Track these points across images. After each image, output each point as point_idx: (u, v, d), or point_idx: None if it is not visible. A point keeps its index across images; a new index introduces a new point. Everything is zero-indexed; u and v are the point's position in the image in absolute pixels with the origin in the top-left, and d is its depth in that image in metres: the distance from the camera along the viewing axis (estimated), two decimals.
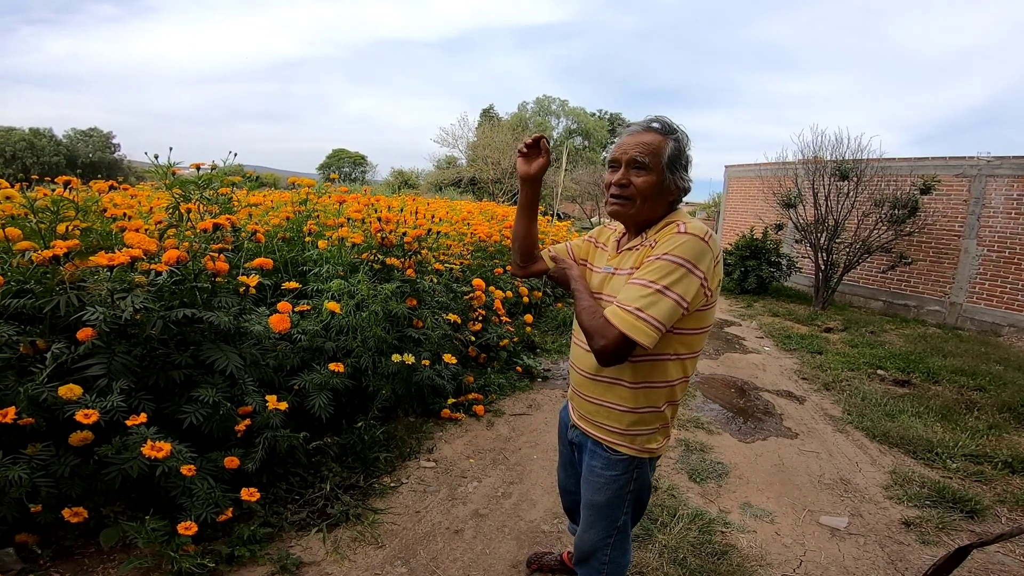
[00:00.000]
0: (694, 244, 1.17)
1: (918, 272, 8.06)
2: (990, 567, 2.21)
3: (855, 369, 5.14)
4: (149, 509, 1.83)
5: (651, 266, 1.17)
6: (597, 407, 1.38)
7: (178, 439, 1.83)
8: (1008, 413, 4.00)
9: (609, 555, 1.47)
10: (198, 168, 2.42)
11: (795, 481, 2.90)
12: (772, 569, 2.14)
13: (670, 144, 1.25)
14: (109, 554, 1.84)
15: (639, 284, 1.17)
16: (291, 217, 3.17)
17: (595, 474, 1.41)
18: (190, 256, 1.99)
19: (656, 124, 1.27)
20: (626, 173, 1.27)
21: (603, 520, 1.43)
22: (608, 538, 1.45)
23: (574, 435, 1.52)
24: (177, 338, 2.05)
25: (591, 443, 1.42)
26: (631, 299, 1.16)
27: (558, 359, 4.85)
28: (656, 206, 1.29)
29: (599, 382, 1.36)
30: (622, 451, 1.36)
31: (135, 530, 1.77)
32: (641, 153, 1.24)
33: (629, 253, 1.32)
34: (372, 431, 2.72)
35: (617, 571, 1.50)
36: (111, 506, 1.90)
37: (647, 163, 1.24)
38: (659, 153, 1.24)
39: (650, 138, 1.25)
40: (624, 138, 1.30)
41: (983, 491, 2.88)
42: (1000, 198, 7.18)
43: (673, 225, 1.23)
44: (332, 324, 2.63)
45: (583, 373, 1.40)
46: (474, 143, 25.26)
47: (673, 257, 1.16)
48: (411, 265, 3.11)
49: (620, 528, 1.45)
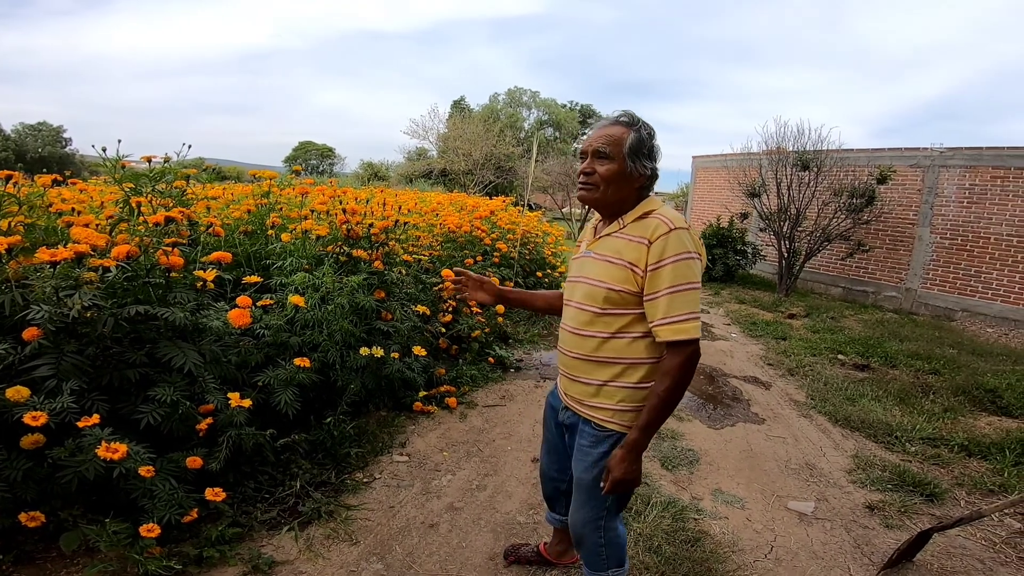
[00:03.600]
0: (684, 235, 1.31)
1: (875, 259, 8.38)
2: (952, 551, 2.27)
3: (817, 354, 5.30)
4: (109, 512, 1.78)
5: (667, 272, 1.29)
6: (586, 386, 1.46)
7: (136, 440, 1.77)
8: (962, 396, 4.14)
9: (604, 536, 1.53)
10: (149, 161, 2.32)
11: (763, 467, 2.97)
12: (744, 555, 2.18)
13: (631, 135, 1.36)
14: (72, 558, 1.79)
15: (672, 293, 1.29)
16: (253, 210, 3.08)
17: (583, 451, 1.48)
18: (141, 251, 1.91)
19: (623, 118, 1.39)
20: (591, 162, 1.39)
21: (593, 499, 1.48)
22: (599, 519, 1.51)
23: (566, 417, 1.58)
24: (131, 336, 1.97)
25: (581, 422, 1.50)
26: (679, 309, 1.28)
27: (531, 349, 4.88)
28: (621, 191, 1.39)
29: (590, 361, 1.43)
30: (610, 427, 1.43)
31: (96, 533, 1.72)
32: (604, 144, 1.37)
33: (608, 239, 1.42)
34: (342, 426, 2.68)
35: (616, 550, 1.56)
36: (69, 509, 1.83)
37: (608, 152, 1.36)
38: (620, 143, 1.36)
39: (614, 130, 1.37)
40: (592, 131, 1.44)
41: (941, 474, 2.98)
42: (952, 188, 7.50)
43: (656, 221, 1.33)
44: (297, 318, 2.57)
45: (573, 354, 1.47)
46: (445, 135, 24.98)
47: (678, 256, 1.29)
48: (378, 257, 3.06)
49: (609, 508, 1.51)
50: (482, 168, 22.32)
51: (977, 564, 2.20)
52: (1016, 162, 6.88)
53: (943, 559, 2.22)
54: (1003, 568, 2.18)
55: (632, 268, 1.34)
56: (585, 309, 1.43)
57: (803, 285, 9.18)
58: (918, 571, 2.12)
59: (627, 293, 1.35)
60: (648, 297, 1.32)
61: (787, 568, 2.12)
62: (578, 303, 1.45)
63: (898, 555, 2.11)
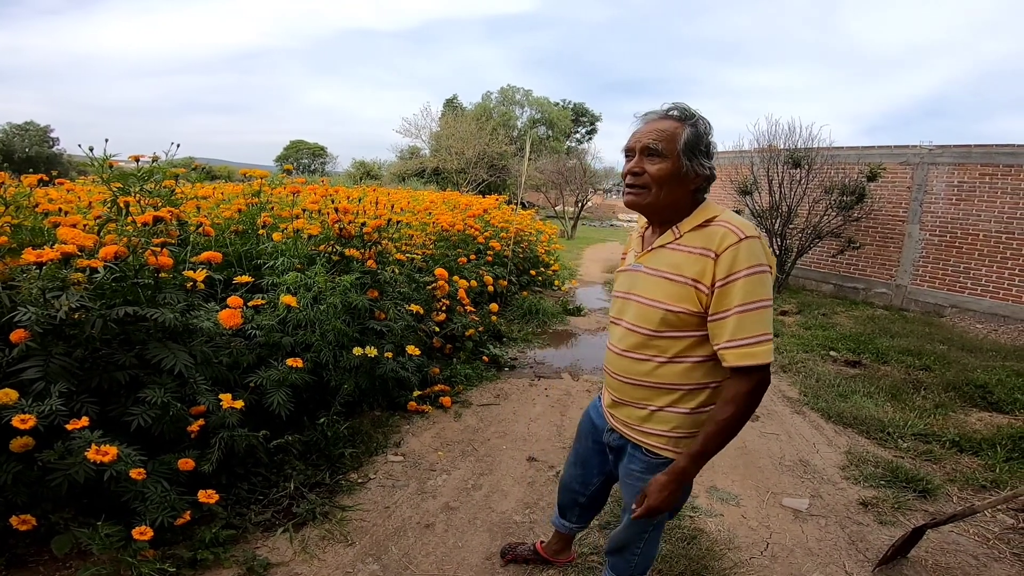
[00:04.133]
0: (756, 245, 1.16)
1: (866, 256, 8.44)
2: (945, 547, 2.28)
3: (809, 351, 5.32)
4: (101, 515, 1.76)
5: (738, 288, 1.14)
6: (637, 410, 1.34)
7: (126, 442, 1.76)
8: (953, 392, 4.15)
9: (642, 548, 1.49)
10: (137, 160, 2.29)
11: (758, 464, 2.97)
12: (740, 552, 2.18)
13: (687, 130, 1.21)
14: (64, 561, 1.78)
15: (742, 312, 1.14)
16: (243, 209, 3.05)
17: (634, 478, 1.38)
18: (130, 251, 1.88)
19: (674, 111, 1.24)
20: (639, 161, 1.23)
21: (643, 520, 1.39)
22: (643, 534, 1.47)
23: (612, 439, 1.47)
24: (120, 337, 1.95)
25: (631, 446, 1.39)
26: (750, 330, 1.14)
27: (525, 348, 4.87)
28: (675, 194, 1.23)
29: (642, 386, 1.31)
30: (664, 455, 1.32)
31: (88, 537, 1.70)
32: (655, 140, 1.20)
33: (662, 252, 1.27)
34: (336, 427, 2.66)
35: (646, 562, 1.53)
36: (60, 513, 1.81)
37: (661, 150, 1.20)
38: (674, 139, 1.20)
39: (666, 124, 1.22)
40: (639, 125, 1.26)
41: (933, 470, 2.98)
42: (941, 185, 7.57)
43: (723, 230, 1.18)
44: (289, 318, 2.56)
45: (622, 378, 1.34)
46: (437, 133, 24.94)
47: (751, 269, 1.14)
48: (371, 256, 3.05)
49: (657, 524, 1.48)
50: (475, 167, 22.30)
51: (971, 560, 2.20)
52: (1005, 159, 6.94)
53: (937, 555, 2.22)
54: (997, 564, 2.19)
55: (696, 285, 1.18)
56: (637, 331, 1.28)
57: (795, 282, 9.23)
58: (913, 567, 2.13)
59: (688, 314, 1.19)
60: (714, 317, 1.17)
61: (783, 565, 2.13)
62: (629, 323, 1.30)
63: (893, 551, 2.12)
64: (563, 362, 4.62)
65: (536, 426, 3.27)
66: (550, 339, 5.32)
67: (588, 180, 18.96)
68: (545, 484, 2.62)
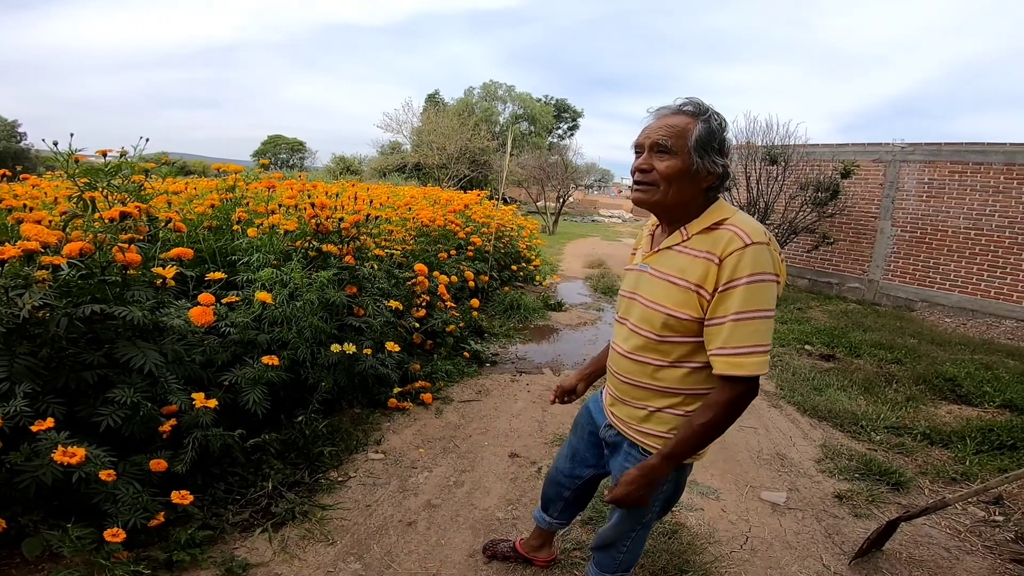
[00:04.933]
0: (763, 252, 1.12)
1: (840, 251, 8.62)
2: (919, 539, 2.32)
3: (785, 345, 5.42)
4: (71, 517, 1.73)
5: (737, 295, 1.11)
6: (637, 410, 1.33)
7: (95, 443, 1.72)
8: (923, 385, 4.24)
9: (628, 546, 1.49)
10: (105, 155, 2.23)
11: (736, 457, 3.01)
12: (721, 546, 2.20)
13: (699, 126, 1.16)
14: (36, 564, 1.72)
15: (738, 320, 1.11)
16: (217, 205, 2.99)
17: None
18: (96, 248, 1.83)
19: (688, 106, 1.20)
20: (648, 158, 1.19)
21: (632, 518, 1.42)
22: (632, 531, 1.47)
23: (608, 434, 1.46)
24: (88, 336, 1.89)
25: (627, 444, 1.38)
26: (742, 340, 1.11)
27: (506, 343, 4.87)
28: (685, 192, 1.19)
29: (643, 388, 1.30)
30: None
31: (58, 539, 1.66)
32: (665, 136, 1.16)
33: (669, 254, 1.24)
34: (314, 425, 2.63)
35: (631, 560, 1.53)
36: (30, 515, 1.77)
37: (670, 146, 1.16)
38: (685, 135, 1.16)
39: (677, 120, 1.18)
40: (650, 121, 1.23)
41: (906, 463, 3.03)
42: (912, 182, 7.76)
43: (729, 234, 1.14)
44: (265, 315, 2.51)
45: (624, 378, 1.34)
46: (419, 128, 24.71)
47: (752, 277, 1.10)
48: (349, 252, 3.01)
49: (645, 523, 1.47)
50: (456, 162, 22.17)
51: (944, 553, 2.24)
52: (974, 157, 7.15)
53: (911, 548, 2.26)
54: (969, 557, 2.22)
55: (698, 290, 1.15)
56: (640, 333, 1.27)
57: None
58: (888, 560, 2.17)
59: (690, 320, 1.17)
60: (710, 322, 1.15)
61: (762, 558, 2.15)
62: (633, 325, 1.30)
63: (868, 544, 2.15)
64: (544, 357, 4.63)
65: (518, 422, 3.27)
66: (531, 334, 5.33)
67: (570, 176, 18.99)
68: (527, 480, 2.62)
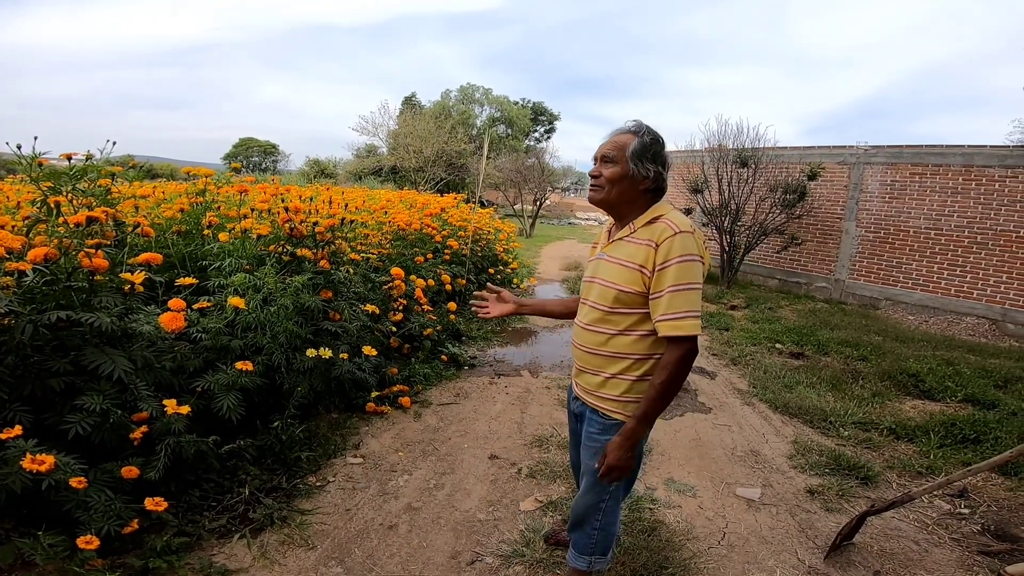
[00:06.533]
0: (688, 239, 1.40)
1: (807, 252, 8.87)
2: (888, 532, 2.39)
3: (757, 344, 5.53)
4: (43, 524, 1.70)
5: (671, 272, 1.39)
6: (594, 377, 1.57)
7: (65, 451, 1.69)
8: (888, 381, 4.36)
9: (601, 520, 1.64)
10: (69, 158, 2.17)
11: (712, 455, 3.06)
12: (699, 542, 2.24)
13: (635, 140, 1.48)
14: (9, 572, 1.70)
15: (674, 291, 1.38)
16: (187, 209, 2.93)
17: (592, 439, 1.59)
18: (61, 253, 1.79)
19: (632, 126, 1.53)
20: (599, 167, 1.52)
21: (598, 484, 1.58)
22: (600, 503, 1.62)
23: (576, 406, 1.70)
24: (54, 343, 1.85)
25: (589, 411, 1.61)
26: (679, 307, 1.38)
27: (484, 346, 4.88)
28: (624, 193, 1.50)
29: (598, 355, 1.55)
30: (616, 417, 1.54)
31: (30, 547, 1.64)
32: (610, 149, 1.50)
33: (620, 244, 1.52)
34: (291, 430, 2.60)
35: (606, 539, 1.67)
36: (1, 523, 1.75)
37: (614, 156, 1.49)
38: (624, 148, 1.48)
39: (621, 137, 1.50)
40: (604, 139, 1.55)
41: (873, 457, 3.12)
42: (875, 184, 8.03)
43: (663, 225, 1.43)
44: (238, 321, 2.48)
45: (584, 348, 1.59)
46: (395, 131, 24.56)
47: (682, 257, 1.38)
48: (324, 256, 2.99)
49: (612, 493, 1.62)
50: (433, 165, 22.10)
51: (913, 546, 2.31)
52: (933, 159, 7.43)
53: (882, 541, 2.33)
54: (937, 549, 2.29)
55: (641, 270, 1.43)
56: (597, 308, 1.53)
57: (743, 277, 9.60)
58: (860, 553, 2.23)
59: (635, 294, 1.45)
60: (653, 295, 1.42)
61: (740, 553, 2.20)
62: (593, 302, 1.55)
63: (840, 538, 2.21)
64: (522, 360, 4.66)
65: (497, 424, 3.29)
66: (509, 337, 5.35)
67: (546, 178, 19.11)
68: (508, 482, 2.64)
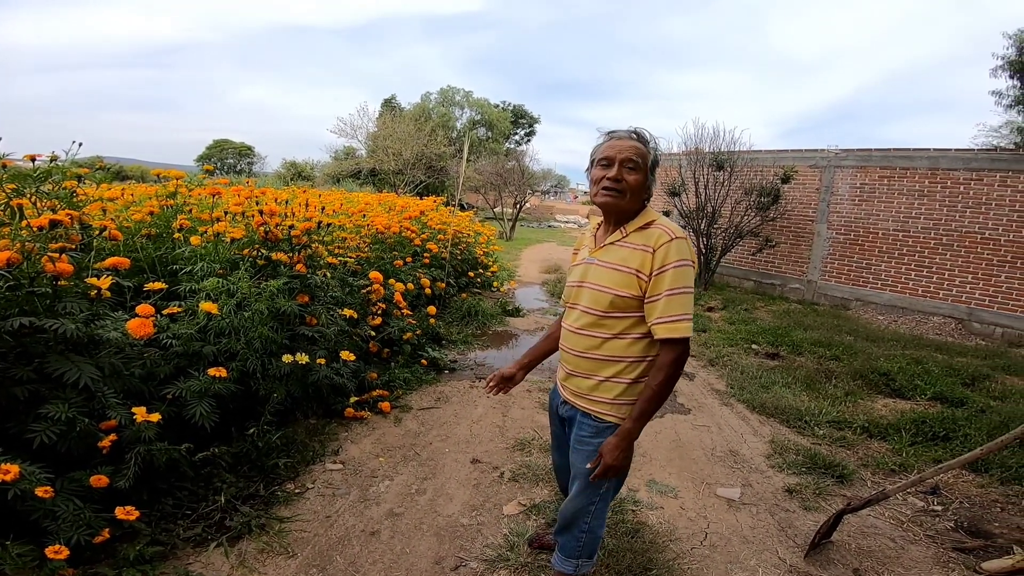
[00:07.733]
0: (683, 244, 1.45)
1: (781, 254, 9.05)
2: (865, 530, 2.43)
3: (734, 344, 5.62)
4: (10, 534, 1.63)
5: (668, 277, 1.42)
6: (586, 380, 1.57)
7: (30, 460, 1.64)
8: (860, 380, 4.46)
9: (589, 523, 1.64)
10: (33, 160, 2.10)
11: (692, 455, 3.09)
12: (682, 543, 2.26)
13: (652, 153, 1.53)
14: None
15: (670, 295, 1.42)
16: (157, 212, 2.86)
17: (584, 443, 1.59)
18: (24, 257, 1.73)
19: (644, 136, 1.54)
20: (620, 170, 1.49)
21: (589, 487, 1.59)
22: (590, 505, 1.62)
23: (565, 411, 1.69)
24: (17, 351, 1.79)
25: (580, 415, 1.61)
26: (675, 310, 1.42)
27: (465, 350, 4.86)
28: (636, 201, 1.52)
29: (592, 359, 1.55)
30: (609, 420, 1.55)
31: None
32: (635, 155, 1.49)
33: (612, 248, 1.54)
34: (267, 437, 2.56)
35: (593, 541, 1.67)
36: None
37: (639, 164, 1.49)
38: (646, 157, 1.51)
39: (640, 146, 1.51)
40: (615, 141, 1.52)
41: (848, 455, 3.19)
42: (846, 186, 8.25)
43: (659, 231, 1.47)
44: (210, 326, 2.42)
45: (575, 352, 1.59)
46: (375, 133, 24.35)
47: (678, 262, 1.43)
48: (300, 260, 2.94)
49: (602, 495, 1.62)
50: (413, 168, 21.97)
51: (889, 543, 2.36)
52: (901, 162, 7.66)
53: (859, 539, 2.37)
54: (913, 546, 2.34)
55: (637, 274, 1.46)
56: (590, 312, 1.54)
57: (720, 279, 9.76)
58: (839, 551, 2.27)
59: (630, 298, 1.47)
60: (649, 299, 1.45)
61: (722, 553, 2.22)
62: (584, 307, 1.56)
63: (819, 537, 2.25)
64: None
65: (479, 428, 3.28)
66: (490, 340, 5.34)
67: (526, 181, 19.16)
68: (490, 486, 2.63)
